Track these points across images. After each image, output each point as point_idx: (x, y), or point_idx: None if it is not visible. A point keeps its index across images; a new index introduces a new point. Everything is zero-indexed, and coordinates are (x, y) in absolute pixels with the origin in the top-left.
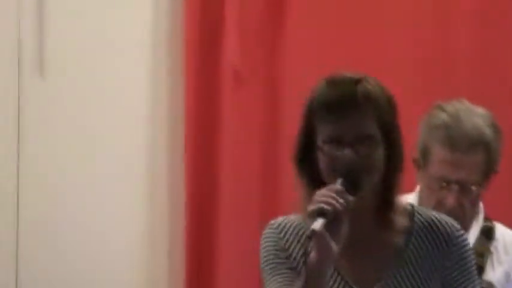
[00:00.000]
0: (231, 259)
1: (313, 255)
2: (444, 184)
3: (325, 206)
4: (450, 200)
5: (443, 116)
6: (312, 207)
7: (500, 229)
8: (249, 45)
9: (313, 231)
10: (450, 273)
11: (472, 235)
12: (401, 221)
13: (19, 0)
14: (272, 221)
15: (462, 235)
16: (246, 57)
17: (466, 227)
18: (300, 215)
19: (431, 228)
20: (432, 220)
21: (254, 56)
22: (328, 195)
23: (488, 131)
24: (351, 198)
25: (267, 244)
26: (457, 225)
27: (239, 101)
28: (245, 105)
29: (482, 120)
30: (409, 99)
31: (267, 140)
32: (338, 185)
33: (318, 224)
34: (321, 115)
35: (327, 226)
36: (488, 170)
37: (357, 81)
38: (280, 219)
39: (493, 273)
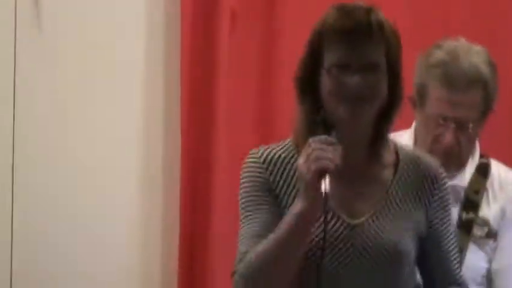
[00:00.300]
0: (225, 242)
1: (302, 204)
2: (441, 122)
3: (329, 164)
4: (447, 137)
5: (441, 54)
6: (314, 165)
7: (495, 166)
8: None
9: (326, 194)
10: (434, 212)
11: (468, 172)
12: (388, 156)
13: None
14: (254, 150)
15: (445, 176)
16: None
17: (462, 164)
18: (288, 141)
19: (417, 165)
20: (418, 157)
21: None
22: (326, 150)
23: (485, 69)
24: (339, 150)
25: (247, 176)
26: (438, 163)
27: (235, 45)
28: (241, 50)
29: (480, 58)
30: None
31: (264, 89)
32: (332, 137)
33: (326, 184)
34: (332, 40)
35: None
36: (486, 107)
37: (370, 11)
38: (264, 148)
39: (489, 210)
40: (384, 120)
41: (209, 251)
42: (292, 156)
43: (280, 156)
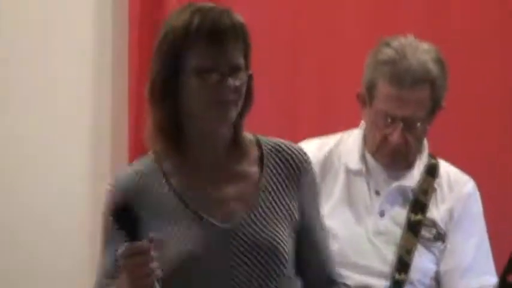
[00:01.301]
0: None
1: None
2: (389, 120)
3: (157, 275)
4: (395, 136)
5: (389, 52)
6: (145, 281)
7: (444, 166)
8: None
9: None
10: (304, 202)
11: (416, 172)
12: (252, 151)
13: None
14: (115, 175)
15: (309, 158)
16: None
17: (410, 164)
18: (148, 157)
19: (281, 154)
20: (280, 146)
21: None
22: (151, 262)
23: (434, 67)
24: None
25: (105, 202)
26: (302, 148)
27: None
28: None
29: (428, 56)
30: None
31: None
32: (146, 242)
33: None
34: (197, 43)
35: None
36: (434, 106)
37: (229, 12)
38: (124, 170)
39: (437, 211)
40: (241, 119)
41: None
42: (151, 168)
43: (137, 173)
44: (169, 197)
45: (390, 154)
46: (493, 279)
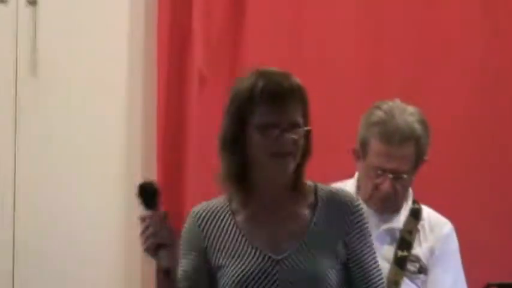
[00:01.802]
0: None
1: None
2: (380, 172)
3: (163, 240)
4: (385, 185)
5: (380, 114)
6: (150, 241)
7: (426, 210)
8: (212, 53)
9: (167, 269)
10: (351, 237)
11: (403, 215)
12: (308, 197)
13: (15, 11)
14: (193, 209)
15: (359, 204)
16: (209, 63)
17: (398, 209)
18: (222, 198)
19: (333, 200)
20: (333, 193)
21: (217, 62)
22: (161, 228)
23: (418, 127)
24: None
25: (183, 230)
26: (354, 196)
27: (204, 99)
28: (209, 103)
29: (413, 118)
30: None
31: None
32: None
33: (165, 260)
34: (260, 103)
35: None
36: (418, 160)
37: (289, 76)
38: (199, 206)
39: (420, 248)
40: (301, 168)
41: None
42: (223, 208)
43: (212, 209)
44: (233, 230)
45: (381, 201)
46: None
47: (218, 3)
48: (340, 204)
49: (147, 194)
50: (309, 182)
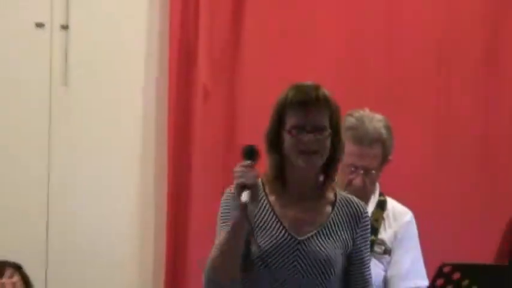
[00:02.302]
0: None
1: (237, 217)
2: (353, 169)
3: (248, 181)
4: (357, 180)
5: (352, 120)
6: (238, 180)
7: (390, 202)
8: (214, 71)
9: (243, 204)
10: (357, 238)
11: (371, 205)
12: (330, 195)
13: (50, 34)
14: (230, 187)
15: (367, 212)
16: (212, 79)
17: (367, 200)
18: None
19: (350, 205)
20: (350, 199)
21: (218, 78)
22: (247, 169)
23: (384, 132)
24: (256, 171)
25: (224, 203)
26: (365, 206)
27: (207, 110)
28: (211, 112)
29: (380, 124)
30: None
31: (228, 142)
32: (249, 163)
33: (245, 196)
34: (292, 110)
35: (251, 194)
36: (384, 159)
37: (318, 88)
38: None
39: (385, 233)
40: (330, 167)
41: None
42: (260, 186)
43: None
44: (266, 208)
45: (354, 193)
46: (425, 283)
47: (220, 27)
48: (355, 208)
49: (248, 150)
50: (332, 185)
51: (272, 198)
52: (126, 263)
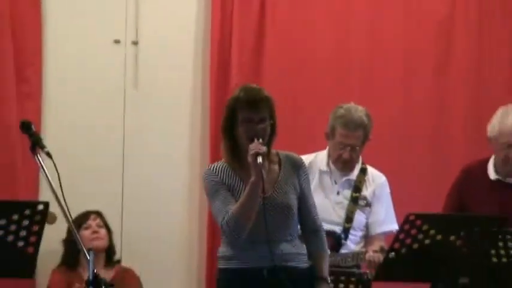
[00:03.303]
0: None
1: (254, 178)
2: (342, 146)
3: (261, 150)
4: (345, 155)
5: (341, 111)
6: (252, 151)
7: (369, 169)
8: (243, 74)
9: (260, 163)
10: (302, 181)
11: (355, 172)
12: (275, 158)
13: (124, 48)
14: (208, 166)
15: (304, 163)
16: (241, 80)
17: (353, 169)
18: (223, 161)
19: (290, 159)
20: (289, 155)
21: (246, 80)
22: (258, 144)
23: (365, 119)
24: (266, 147)
25: (208, 178)
26: (301, 157)
27: None
28: None
29: (362, 113)
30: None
31: None
32: (259, 141)
33: (260, 159)
34: (242, 107)
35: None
36: (365, 139)
37: (260, 90)
38: (211, 164)
39: (366, 191)
40: (270, 143)
41: None
42: (225, 166)
43: (220, 166)
44: (236, 178)
45: (343, 164)
46: (396, 227)
47: (247, 38)
48: (294, 162)
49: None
50: (273, 151)
51: (237, 172)
52: (179, 213)
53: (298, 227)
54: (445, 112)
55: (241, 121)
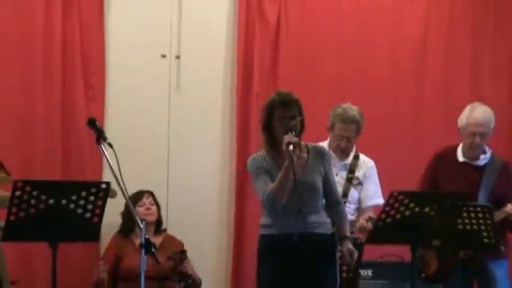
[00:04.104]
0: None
1: (287, 162)
2: (340, 138)
3: (293, 140)
4: (343, 144)
5: (339, 110)
6: (286, 140)
7: (361, 155)
8: (263, 83)
9: (291, 151)
10: (325, 167)
11: (350, 158)
12: (304, 148)
13: (169, 61)
14: (252, 155)
15: (327, 152)
16: (260, 88)
17: (348, 155)
18: (262, 151)
19: (317, 149)
20: (316, 146)
21: (265, 87)
22: (291, 136)
23: (358, 117)
24: (297, 138)
25: (252, 165)
26: (325, 147)
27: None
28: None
29: (356, 112)
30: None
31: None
32: (291, 133)
33: (291, 147)
34: (278, 107)
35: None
36: (358, 132)
37: (291, 94)
38: (254, 154)
39: (358, 173)
40: (299, 135)
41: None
42: (264, 155)
43: (260, 155)
44: (274, 164)
45: (341, 151)
46: (382, 201)
47: (265, 52)
48: (320, 151)
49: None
50: (302, 142)
51: (275, 160)
52: (212, 192)
53: (323, 201)
54: (421, 112)
55: (277, 118)
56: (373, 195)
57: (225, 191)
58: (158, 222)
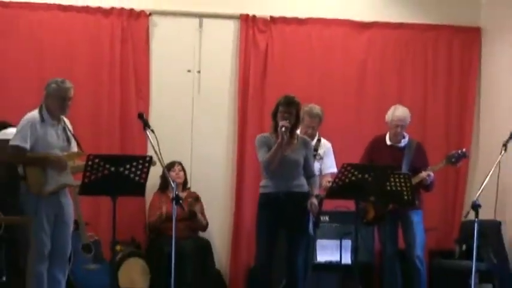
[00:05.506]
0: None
1: (280, 139)
2: (308, 127)
3: (286, 125)
4: (309, 131)
5: (307, 108)
6: (281, 124)
7: (322, 139)
8: (256, 93)
9: (283, 132)
10: (307, 153)
11: (315, 140)
12: (295, 137)
13: (193, 75)
14: (260, 134)
15: (310, 141)
16: (254, 97)
17: (313, 139)
18: (268, 133)
19: (303, 139)
20: (303, 137)
21: (255, 97)
22: (285, 122)
23: (320, 112)
24: (289, 125)
25: (259, 139)
26: (309, 139)
27: (252, 108)
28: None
29: (318, 109)
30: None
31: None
32: (286, 121)
33: (284, 129)
34: (282, 105)
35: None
36: (319, 123)
37: (293, 97)
38: (261, 134)
39: (320, 151)
40: (294, 127)
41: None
42: (268, 136)
43: (265, 135)
44: (272, 142)
45: (308, 136)
46: (336, 170)
47: (256, 74)
48: (306, 141)
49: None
50: (296, 134)
51: (273, 139)
52: (221, 162)
53: (303, 172)
54: (362, 111)
55: (280, 112)
56: (330, 166)
57: (230, 163)
58: (184, 182)
